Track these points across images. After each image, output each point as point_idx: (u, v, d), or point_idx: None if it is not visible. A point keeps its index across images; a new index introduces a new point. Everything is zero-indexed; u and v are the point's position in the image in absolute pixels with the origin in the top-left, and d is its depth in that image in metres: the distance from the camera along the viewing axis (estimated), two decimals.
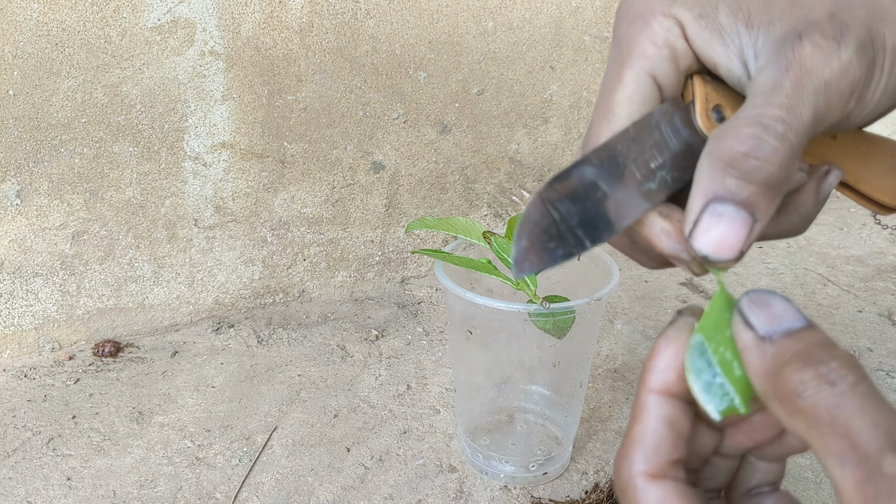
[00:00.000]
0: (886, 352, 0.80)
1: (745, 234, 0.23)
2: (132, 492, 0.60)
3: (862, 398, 0.19)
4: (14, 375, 0.75)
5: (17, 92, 0.69)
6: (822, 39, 0.23)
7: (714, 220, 0.22)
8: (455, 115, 0.90)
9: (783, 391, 0.20)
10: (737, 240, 0.23)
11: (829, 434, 0.19)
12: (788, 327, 0.21)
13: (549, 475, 0.61)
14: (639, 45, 0.25)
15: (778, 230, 0.28)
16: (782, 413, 0.20)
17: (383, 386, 0.74)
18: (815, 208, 0.28)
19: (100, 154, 0.75)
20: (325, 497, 0.60)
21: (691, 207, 0.23)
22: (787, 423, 0.20)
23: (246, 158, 0.82)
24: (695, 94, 0.26)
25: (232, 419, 0.69)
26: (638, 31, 0.26)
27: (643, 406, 0.23)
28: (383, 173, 0.89)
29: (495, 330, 0.58)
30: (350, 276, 0.93)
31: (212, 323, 0.85)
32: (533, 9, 0.89)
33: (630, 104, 0.25)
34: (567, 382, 0.60)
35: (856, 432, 0.18)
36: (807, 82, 0.23)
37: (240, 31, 0.76)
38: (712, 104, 0.26)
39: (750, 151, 0.22)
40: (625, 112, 0.25)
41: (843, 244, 1.08)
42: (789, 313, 0.21)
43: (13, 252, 0.74)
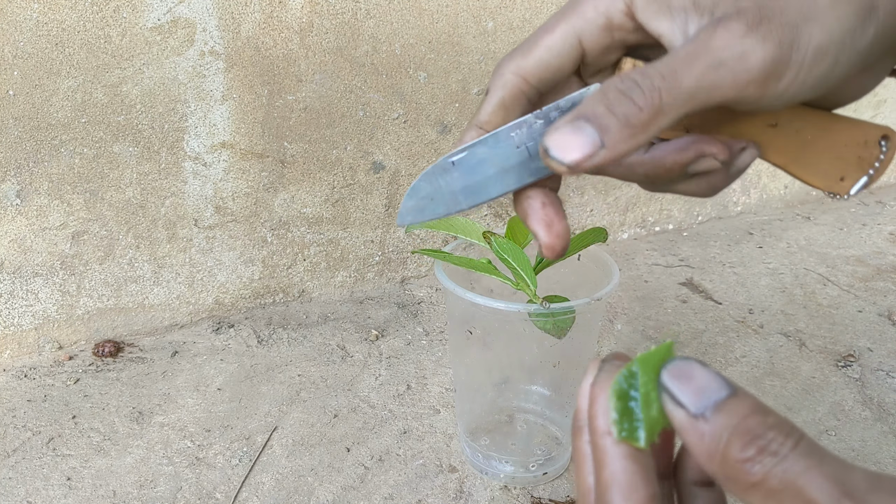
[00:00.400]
0: (886, 352, 0.80)
1: (588, 151, 0.25)
2: (132, 492, 0.60)
3: (805, 457, 0.20)
4: (14, 375, 0.75)
5: (17, 92, 0.69)
6: (735, 24, 0.25)
7: (571, 128, 0.25)
8: (455, 115, 0.90)
9: (731, 471, 0.21)
10: (578, 149, 0.25)
11: (786, 500, 0.20)
12: (716, 399, 0.22)
13: (549, 475, 0.61)
14: (581, 7, 0.28)
15: (687, 190, 0.31)
16: (736, 490, 0.21)
17: (383, 386, 0.74)
18: (726, 180, 0.31)
19: (100, 154, 0.75)
20: (325, 497, 0.60)
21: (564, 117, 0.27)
22: (742, 498, 0.21)
23: (246, 158, 0.82)
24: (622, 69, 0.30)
25: (232, 419, 0.69)
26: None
27: (602, 450, 0.24)
28: (383, 173, 0.89)
29: (495, 330, 0.58)
30: (350, 276, 0.93)
31: (212, 323, 0.85)
32: (533, 9, 0.89)
33: (547, 52, 0.29)
34: (567, 382, 0.60)
35: (809, 491, 0.20)
36: (701, 56, 0.25)
37: (240, 31, 0.76)
38: None
39: (624, 91, 0.25)
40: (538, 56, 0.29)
41: (843, 244, 1.08)
42: (713, 383, 0.23)
43: (13, 252, 0.74)
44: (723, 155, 0.30)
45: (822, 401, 0.72)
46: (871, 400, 0.72)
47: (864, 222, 1.17)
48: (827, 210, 1.23)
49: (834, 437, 0.67)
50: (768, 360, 0.79)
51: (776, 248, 1.07)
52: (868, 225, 1.16)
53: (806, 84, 0.26)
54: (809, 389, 0.74)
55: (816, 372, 0.76)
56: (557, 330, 0.51)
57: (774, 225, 1.16)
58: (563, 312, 0.51)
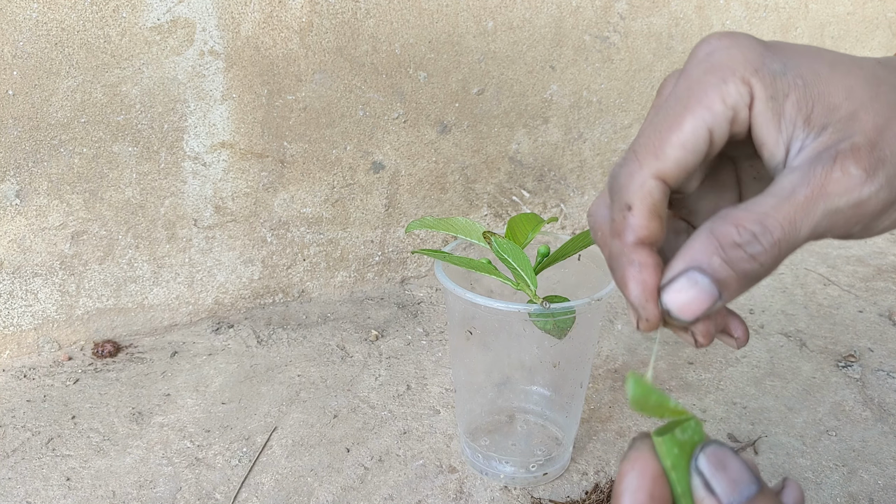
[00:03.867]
0: (887, 352, 0.80)
1: (707, 306, 0.25)
2: (132, 492, 0.60)
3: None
4: (13, 375, 0.75)
5: (17, 92, 0.69)
6: (853, 168, 0.24)
7: (689, 284, 0.25)
8: (455, 114, 0.90)
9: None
10: (699, 307, 0.25)
11: None
12: (748, 496, 0.23)
13: (549, 476, 0.61)
14: (708, 97, 0.25)
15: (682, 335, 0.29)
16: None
17: (383, 386, 0.74)
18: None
19: (99, 154, 0.75)
20: (325, 497, 0.59)
21: (674, 266, 0.25)
22: None
23: (245, 158, 0.81)
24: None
25: (231, 419, 0.69)
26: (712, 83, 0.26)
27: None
28: (383, 173, 0.89)
29: (495, 330, 0.58)
30: (350, 276, 0.93)
31: (211, 323, 0.85)
32: (533, 9, 0.89)
33: (682, 150, 0.26)
34: (567, 383, 0.60)
35: None
36: (819, 203, 0.24)
37: (239, 31, 0.76)
38: None
39: (742, 244, 0.24)
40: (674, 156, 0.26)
41: (843, 244, 1.08)
42: (744, 476, 0.24)
43: (13, 252, 0.74)
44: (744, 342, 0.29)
45: (823, 401, 0.72)
46: (871, 400, 0.72)
47: None
48: None
49: (834, 437, 0.67)
50: (769, 360, 0.79)
51: None
52: None
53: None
54: (810, 389, 0.74)
55: (817, 372, 0.76)
56: (558, 330, 0.51)
57: None
58: (563, 312, 0.51)
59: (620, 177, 0.26)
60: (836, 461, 0.64)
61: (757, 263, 0.24)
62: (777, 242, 0.24)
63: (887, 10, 1.17)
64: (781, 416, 0.69)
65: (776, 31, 1.06)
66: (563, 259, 0.55)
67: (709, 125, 0.26)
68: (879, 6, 1.16)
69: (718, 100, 0.25)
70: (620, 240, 0.26)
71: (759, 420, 0.69)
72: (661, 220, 0.26)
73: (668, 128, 0.26)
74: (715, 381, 0.75)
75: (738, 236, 0.24)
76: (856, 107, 0.25)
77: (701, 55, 0.27)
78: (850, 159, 0.24)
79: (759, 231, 0.24)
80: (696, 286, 0.25)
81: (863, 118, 0.25)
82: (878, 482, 0.61)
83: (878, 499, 0.60)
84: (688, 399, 0.72)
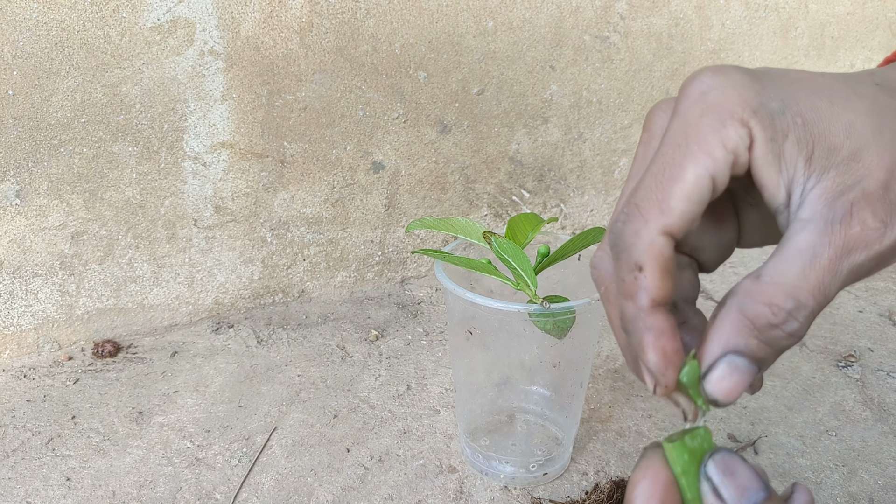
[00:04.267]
0: (887, 352, 0.80)
1: (748, 384, 0.25)
2: (132, 492, 0.60)
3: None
4: (13, 376, 0.75)
5: (17, 92, 0.69)
6: (871, 220, 0.24)
7: (730, 370, 0.25)
8: (455, 114, 0.90)
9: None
10: (742, 388, 0.25)
11: None
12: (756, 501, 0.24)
13: (549, 475, 0.61)
14: (708, 143, 0.24)
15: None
16: None
17: (383, 386, 0.74)
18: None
19: (99, 154, 0.75)
20: (325, 497, 0.59)
21: (710, 350, 0.25)
22: None
23: (245, 158, 0.81)
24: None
25: (231, 419, 0.69)
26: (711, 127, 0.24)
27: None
28: (383, 173, 0.89)
29: (495, 330, 0.58)
30: (350, 276, 0.93)
31: (211, 323, 0.85)
32: (533, 9, 0.89)
33: (687, 202, 0.25)
34: (567, 383, 0.60)
35: None
36: (844, 263, 0.24)
37: (239, 31, 0.76)
38: None
39: (779, 324, 0.24)
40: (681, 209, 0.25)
41: None
42: (753, 483, 0.24)
43: (12, 252, 0.74)
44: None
45: (823, 401, 0.72)
46: (871, 400, 0.72)
47: None
48: None
49: (834, 437, 0.67)
50: None
51: None
52: None
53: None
54: (810, 389, 0.74)
55: (817, 372, 0.76)
56: (558, 330, 0.51)
57: None
58: (563, 313, 0.51)
59: (626, 235, 0.25)
60: (836, 461, 0.64)
61: (795, 338, 0.24)
62: (812, 312, 0.24)
63: (887, 10, 1.17)
64: (781, 416, 0.69)
65: (776, 31, 1.06)
66: (563, 259, 0.55)
67: (711, 173, 0.25)
68: (879, 6, 1.16)
69: (719, 145, 0.24)
70: (633, 302, 0.25)
71: (759, 420, 0.69)
72: (672, 278, 0.26)
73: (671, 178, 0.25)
74: None
75: (773, 317, 0.24)
76: (858, 145, 0.24)
77: (694, 94, 0.25)
78: (867, 210, 0.24)
79: (794, 307, 0.24)
80: (737, 370, 0.25)
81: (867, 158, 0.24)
82: (878, 482, 0.61)
83: (878, 499, 0.60)
84: None
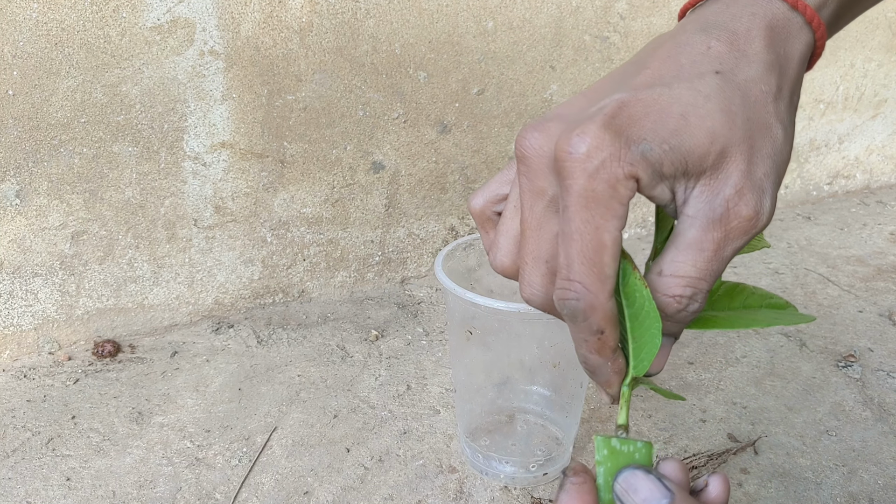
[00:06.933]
0: (887, 352, 0.80)
1: (669, 351, 0.32)
2: (132, 492, 0.60)
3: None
4: (14, 376, 0.75)
5: (17, 92, 0.69)
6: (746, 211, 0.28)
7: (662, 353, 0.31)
8: (455, 114, 0.90)
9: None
10: (667, 357, 0.31)
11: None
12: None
13: (549, 476, 0.61)
14: (611, 209, 0.27)
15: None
16: None
17: (383, 386, 0.74)
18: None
19: (99, 154, 0.75)
20: (325, 497, 0.59)
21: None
22: None
23: (245, 158, 0.81)
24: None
25: (231, 419, 0.69)
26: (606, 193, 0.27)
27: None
28: (383, 173, 0.89)
29: (495, 330, 0.58)
30: (350, 276, 0.93)
31: (211, 323, 0.85)
32: (533, 9, 0.89)
33: (615, 260, 0.28)
34: (567, 383, 0.60)
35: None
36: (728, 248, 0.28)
37: (239, 31, 0.76)
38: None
39: (684, 308, 0.29)
40: (613, 268, 0.28)
41: (843, 244, 1.08)
42: (655, 492, 0.27)
43: (13, 252, 0.74)
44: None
45: (823, 401, 0.72)
46: (871, 400, 0.72)
47: (865, 222, 1.17)
48: (827, 210, 1.22)
49: (834, 437, 0.67)
50: (769, 360, 0.79)
51: (777, 248, 1.07)
52: (868, 225, 1.16)
53: None
54: (810, 390, 0.74)
55: (817, 372, 0.76)
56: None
57: (775, 225, 1.16)
58: None
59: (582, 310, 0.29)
60: (836, 461, 0.64)
61: (698, 313, 0.29)
62: (707, 292, 0.29)
63: (887, 10, 1.17)
64: (781, 416, 0.69)
65: None
66: None
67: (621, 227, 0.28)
68: (879, 6, 1.16)
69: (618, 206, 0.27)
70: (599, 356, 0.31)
71: (759, 420, 0.69)
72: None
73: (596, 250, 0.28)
74: (715, 381, 0.75)
75: (678, 304, 0.29)
76: (723, 145, 0.27)
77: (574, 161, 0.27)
78: (741, 204, 0.28)
79: (692, 294, 0.29)
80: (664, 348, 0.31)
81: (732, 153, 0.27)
82: (878, 482, 0.61)
83: (878, 499, 0.60)
84: (688, 399, 0.72)
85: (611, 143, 0.27)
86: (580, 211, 0.28)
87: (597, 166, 0.27)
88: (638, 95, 0.28)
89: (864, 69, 1.20)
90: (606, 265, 0.28)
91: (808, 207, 1.24)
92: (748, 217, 0.28)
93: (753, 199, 0.28)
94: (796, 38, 0.30)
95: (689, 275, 0.28)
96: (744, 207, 0.28)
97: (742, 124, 0.28)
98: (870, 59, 1.20)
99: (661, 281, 0.29)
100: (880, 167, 1.31)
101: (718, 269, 0.28)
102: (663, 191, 0.28)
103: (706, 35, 0.29)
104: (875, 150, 1.29)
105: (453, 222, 0.96)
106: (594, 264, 0.28)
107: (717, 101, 0.28)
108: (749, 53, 0.29)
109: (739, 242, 0.28)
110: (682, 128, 0.27)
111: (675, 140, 0.27)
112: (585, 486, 0.29)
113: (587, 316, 0.29)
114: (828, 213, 1.21)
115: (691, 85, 0.28)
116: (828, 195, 1.28)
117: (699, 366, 0.77)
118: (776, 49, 0.29)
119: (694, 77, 0.28)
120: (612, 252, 0.28)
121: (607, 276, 0.28)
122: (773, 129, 0.29)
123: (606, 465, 0.29)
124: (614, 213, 0.27)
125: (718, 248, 0.28)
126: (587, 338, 0.30)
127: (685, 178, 0.28)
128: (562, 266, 0.29)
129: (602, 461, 0.29)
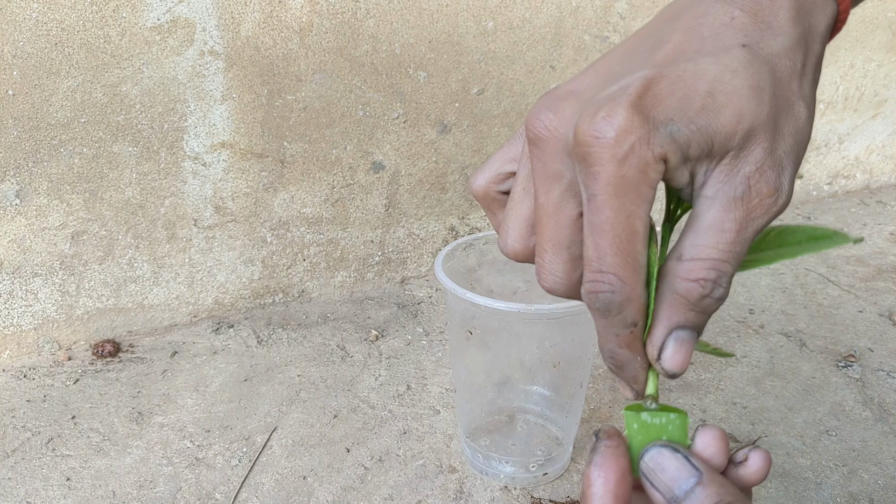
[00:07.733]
0: (887, 352, 0.80)
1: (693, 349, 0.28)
2: (132, 492, 0.60)
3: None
4: (13, 376, 0.75)
5: (17, 92, 0.69)
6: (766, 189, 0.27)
7: (678, 345, 0.28)
8: (455, 114, 0.90)
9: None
10: (690, 355, 0.28)
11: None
12: (686, 489, 0.26)
13: (549, 475, 0.61)
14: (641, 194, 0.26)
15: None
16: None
17: (383, 386, 0.74)
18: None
19: (99, 154, 0.75)
20: (325, 497, 0.59)
21: (657, 333, 0.28)
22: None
23: (245, 158, 0.81)
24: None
25: (231, 419, 0.69)
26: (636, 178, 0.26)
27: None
28: (383, 173, 0.89)
29: (495, 330, 0.58)
30: (350, 276, 0.93)
31: (211, 323, 0.85)
32: (533, 8, 0.89)
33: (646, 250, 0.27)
34: (567, 383, 0.60)
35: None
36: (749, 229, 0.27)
37: (239, 31, 0.76)
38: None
39: (709, 294, 0.27)
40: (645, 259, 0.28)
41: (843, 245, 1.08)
42: (682, 471, 0.26)
43: (13, 252, 0.74)
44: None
45: (823, 401, 0.72)
46: (871, 400, 0.72)
47: (865, 222, 1.17)
48: (827, 210, 1.22)
49: (834, 437, 0.67)
50: (769, 360, 0.79)
51: None
52: (868, 225, 1.16)
53: None
54: (810, 390, 0.74)
55: (817, 372, 0.76)
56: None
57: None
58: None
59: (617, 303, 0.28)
60: (836, 461, 0.64)
61: (723, 300, 0.28)
62: (731, 275, 0.27)
63: (887, 10, 1.17)
64: (781, 416, 0.69)
65: None
66: None
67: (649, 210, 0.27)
68: (879, 6, 1.16)
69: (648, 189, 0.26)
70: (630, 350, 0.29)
71: (759, 420, 0.69)
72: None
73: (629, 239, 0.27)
74: (715, 381, 0.75)
75: (703, 289, 0.27)
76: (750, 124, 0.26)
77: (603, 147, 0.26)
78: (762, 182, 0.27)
79: (717, 277, 0.27)
80: (684, 342, 0.28)
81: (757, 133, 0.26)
82: (878, 482, 0.61)
83: (878, 499, 0.60)
84: (688, 399, 0.72)
85: (640, 126, 0.26)
86: (611, 199, 0.26)
87: (626, 151, 0.26)
88: (662, 72, 0.27)
89: (864, 69, 1.20)
90: (640, 253, 0.27)
91: (809, 207, 1.24)
92: (769, 193, 0.27)
93: (773, 176, 0.27)
94: (821, 9, 0.28)
95: (712, 257, 0.27)
96: (764, 185, 0.27)
97: (769, 101, 0.27)
98: (870, 59, 1.20)
99: (681, 266, 0.28)
100: (880, 167, 1.31)
101: (741, 250, 0.27)
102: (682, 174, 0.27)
103: (728, 4, 0.28)
104: (875, 150, 1.29)
105: (453, 222, 0.96)
106: (628, 254, 0.27)
107: (745, 77, 0.26)
108: (774, 25, 0.27)
109: (761, 222, 0.27)
110: (709, 105, 0.26)
111: (702, 119, 0.26)
112: (620, 450, 0.27)
113: (622, 308, 0.27)
114: (828, 213, 1.21)
115: (717, 59, 0.27)
116: (828, 195, 1.28)
117: (699, 366, 0.77)
118: (802, 22, 0.28)
119: (719, 50, 0.27)
120: (643, 239, 0.27)
121: (641, 266, 0.27)
122: (797, 107, 0.27)
123: (637, 440, 0.28)
124: (644, 197, 0.26)
125: (741, 228, 0.27)
126: (619, 331, 0.28)
127: (708, 160, 0.27)
128: (591, 258, 0.27)
129: (633, 435, 0.28)
